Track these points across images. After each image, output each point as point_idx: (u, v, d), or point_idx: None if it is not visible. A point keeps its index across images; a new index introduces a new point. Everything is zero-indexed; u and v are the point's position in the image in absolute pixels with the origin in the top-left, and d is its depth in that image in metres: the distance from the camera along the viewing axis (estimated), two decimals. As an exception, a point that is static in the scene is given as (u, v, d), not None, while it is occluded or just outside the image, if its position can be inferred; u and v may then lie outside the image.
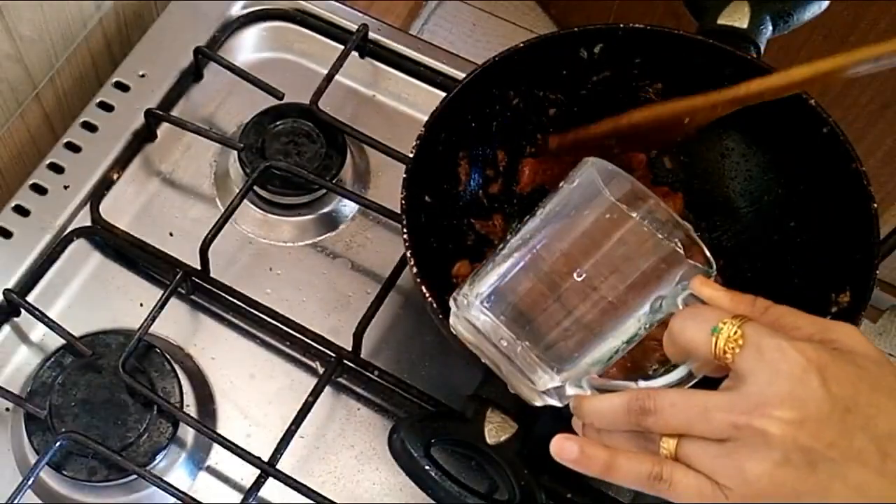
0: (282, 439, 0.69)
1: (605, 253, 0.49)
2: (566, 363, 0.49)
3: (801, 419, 0.41)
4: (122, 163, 0.81)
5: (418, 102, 0.86)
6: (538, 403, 0.51)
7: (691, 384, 0.47)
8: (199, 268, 0.75)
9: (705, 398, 0.44)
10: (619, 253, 0.48)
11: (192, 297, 0.77)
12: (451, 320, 0.52)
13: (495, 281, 0.51)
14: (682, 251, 0.48)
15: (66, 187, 0.79)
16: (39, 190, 0.79)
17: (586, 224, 0.49)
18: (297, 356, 0.75)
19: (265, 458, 0.68)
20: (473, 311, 0.51)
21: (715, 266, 0.49)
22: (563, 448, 0.47)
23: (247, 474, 0.70)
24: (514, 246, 0.51)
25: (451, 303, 0.53)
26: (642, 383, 0.47)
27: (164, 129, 0.83)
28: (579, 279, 0.49)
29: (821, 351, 0.43)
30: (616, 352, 0.50)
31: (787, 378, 0.42)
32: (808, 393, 0.42)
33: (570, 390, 0.49)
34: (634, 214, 0.48)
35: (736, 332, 0.44)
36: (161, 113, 0.81)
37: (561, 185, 0.52)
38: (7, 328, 0.74)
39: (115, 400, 0.69)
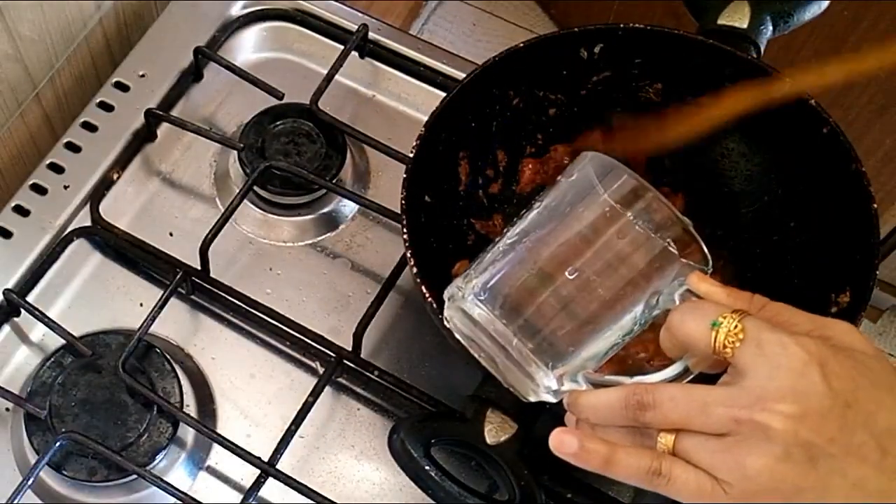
0: (282, 439, 0.69)
1: (600, 250, 0.49)
2: (561, 358, 0.49)
3: (803, 413, 0.41)
4: (122, 163, 0.81)
5: (418, 102, 0.86)
6: (532, 399, 0.51)
7: (687, 380, 0.47)
8: (199, 268, 0.75)
9: (705, 392, 0.44)
10: (614, 250, 0.48)
11: (192, 297, 0.77)
12: (446, 312, 0.52)
13: (491, 274, 0.50)
14: (674, 250, 0.48)
15: (66, 187, 0.79)
16: (39, 190, 0.79)
17: (581, 221, 0.49)
18: (297, 356, 0.75)
19: (265, 458, 0.68)
20: (468, 304, 0.50)
21: (711, 263, 0.49)
22: (562, 442, 0.47)
23: (247, 474, 0.70)
24: (510, 240, 0.51)
25: (446, 295, 0.52)
26: (638, 378, 0.47)
27: (164, 129, 0.83)
28: (573, 276, 0.48)
29: (821, 346, 0.43)
30: (612, 347, 0.50)
31: (788, 372, 0.42)
32: (809, 387, 0.42)
33: (566, 385, 0.49)
34: (628, 212, 0.48)
35: (736, 327, 0.44)
36: (161, 113, 0.81)
37: (559, 178, 0.52)
38: (7, 328, 0.74)
39: (115, 400, 0.69)
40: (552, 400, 0.50)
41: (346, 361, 0.73)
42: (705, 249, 0.49)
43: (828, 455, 0.41)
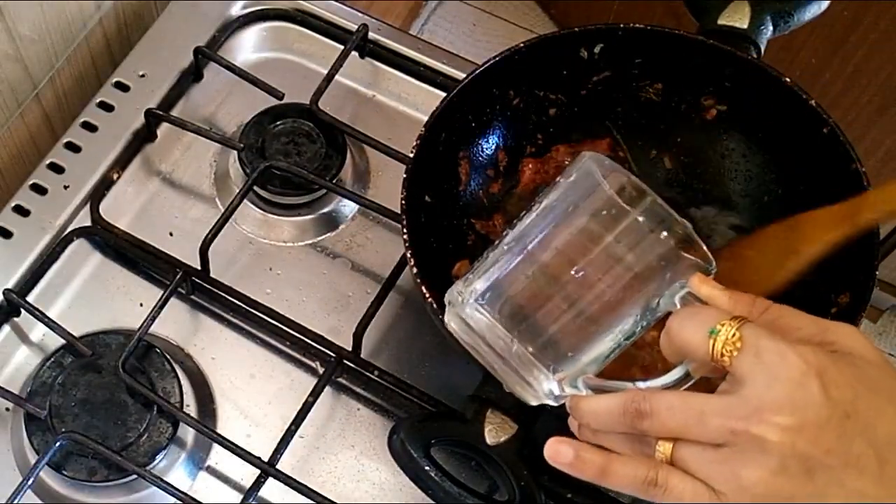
0: (282, 439, 0.69)
1: (602, 250, 0.48)
2: (562, 362, 0.49)
3: (800, 425, 0.41)
4: (122, 163, 0.81)
5: (418, 102, 0.86)
6: (533, 403, 0.51)
7: (688, 385, 0.47)
8: (199, 268, 0.75)
9: (702, 402, 0.43)
10: (617, 250, 0.48)
11: (192, 297, 0.77)
12: (446, 317, 0.52)
13: (491, 278, 0.50)
14: (680, 249, 0.48)
15: (66, 187, 0.79)
16: (39, 190, 0.79)
17: (583, 220, 0.49)
18: (297, 356, 0.75)
19: (265, 458, 0.68)
20: (468, 309, 0.50)
21: (715, 264, 0.49)
22: (557, 452, 0.47)
23: (247, 474, 0.70)
24: (510, 242, 0.51)
25: (446, 300, 0.52)
26: (639, 384, 0.47)
27: (164, 129, 0.83)
28: (576, 276, 0.48)
29: (820, 354, 0.42)
30: (613, 350, 0.49)
31: (786, 382, 0.42)
32: (806, 398, 0.41)
33: (567, 390, 0.49)
34: (633, 211, 0.48)
35: (734, 335, 0.43)
36: (161, 113, 0.81)
37: (558, 179, 0.52)
38: (7, 328, 0.74)
39: (115, 400, 0.69)
40: (553, 404, 0.50)
41: (346, 361, 0.73)
42: (706, 250, 0.49)
43: (825, 466, 0.41)
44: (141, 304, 0.76)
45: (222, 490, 0.70)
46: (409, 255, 0.63)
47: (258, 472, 0.68)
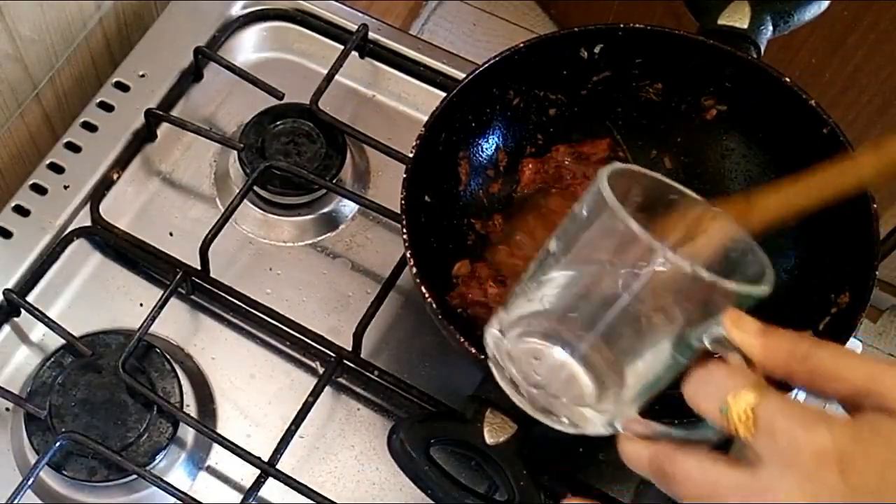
0: (282, 439, 0.69)
1: (629, 279, 0.45)
2: (599, 399, 0.48)
3: None
4: (122, 163, 0.81)
5: (418, 102, 0.86)
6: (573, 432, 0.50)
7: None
8: (199, 268, 0.75)
9: (718, 476, 0.42)
10: (645, 280, 0.45)
11: (192, 297, 0.77)
12: (496, 375, 0.51)
13: (528, 311, 0.49)
14: (715, 279, 0.44)
15: (66, 187, 0.79)
16: (39, 190, 0.79)
17: (606, 254, 0.46)
18: (297, 356, 0.75)
19: (265, 458, 0.68)
20: (508, 343, 0.49)
21: (771, 280, 0.45)
22: None
23: (247, 474, 0.70)
24: (537, 280, 0.49)
25: (486, 343, 0.51)
26: (675, 432, 0.45)
27: (164, 129, 0.83)
28: (608, 306, 0.46)
29: (843, 437, 0.39)
30: (653, 387, 0.47)
31: (800, 471, 0.39)
32: (822, 490, 0.39)
33: (608, 429, 0.48)
34: (656, 244, 0.44)
35: (745, 416, 0.41)
36: (161, 113, 0.81)
37: (573, 209, 0.48)
38: (7, 328, 0.74)
39: (115, 400, 0.69)
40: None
41: (346, 361, 0.73)
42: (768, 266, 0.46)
43: None
44: (141, 304, 0.76)
45: (222, 490, 0.70)
46: (409, 255, 0.63)
47: (258, 472, 0.68)
